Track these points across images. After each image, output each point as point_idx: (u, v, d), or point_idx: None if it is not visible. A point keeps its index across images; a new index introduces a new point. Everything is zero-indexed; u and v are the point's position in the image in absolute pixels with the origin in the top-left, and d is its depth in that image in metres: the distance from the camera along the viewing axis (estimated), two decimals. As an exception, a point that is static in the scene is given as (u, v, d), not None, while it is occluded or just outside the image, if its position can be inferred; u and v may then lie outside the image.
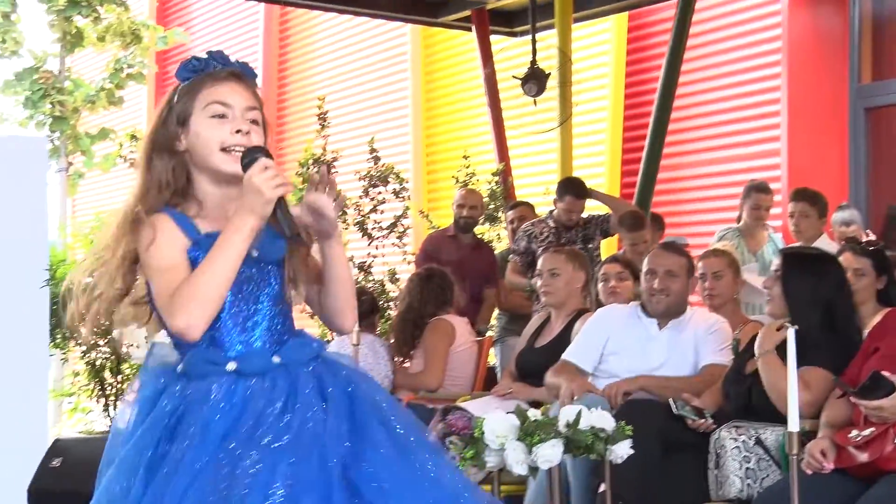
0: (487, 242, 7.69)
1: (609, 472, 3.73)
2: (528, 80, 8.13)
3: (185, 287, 2.16)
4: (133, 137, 8.49)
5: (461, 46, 10.53)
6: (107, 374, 7.02)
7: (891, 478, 3.44)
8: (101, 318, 2.31)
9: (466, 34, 9.52)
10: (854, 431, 3.56)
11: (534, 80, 8.10)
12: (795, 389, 3.14)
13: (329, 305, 2.38)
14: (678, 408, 4.07)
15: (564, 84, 8.21)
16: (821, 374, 3.84)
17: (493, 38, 8.99)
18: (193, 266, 2.21)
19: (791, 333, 3.19)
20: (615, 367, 4.58)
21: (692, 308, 4.76)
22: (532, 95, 8.16)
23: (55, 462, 5.57)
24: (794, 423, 3.13)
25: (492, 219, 8.35)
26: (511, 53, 9.04)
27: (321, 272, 2.37)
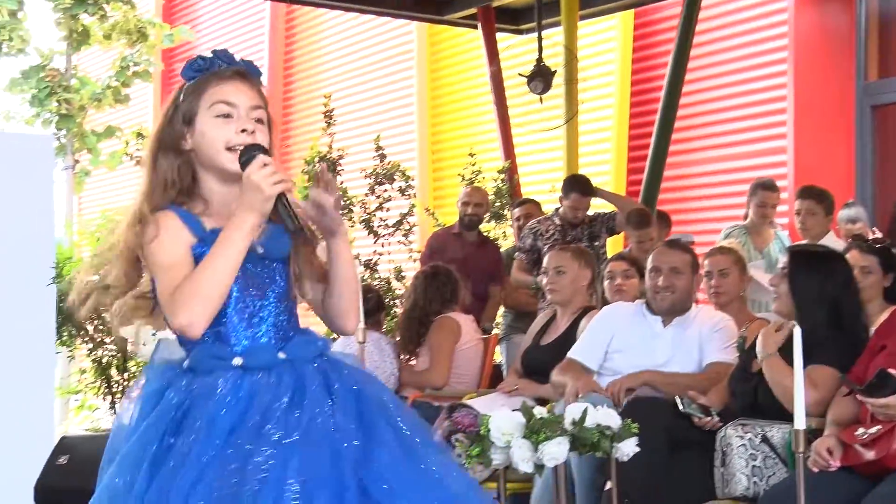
0: (492, 240, 7.68)
1: (615, 470, 3.73)
2: (534, 78, 8.12)
3: (187, 285, 2.17)
4: (139, 135, 8.51)
5: (467, 44, 10.52)
6: (113, 372, 7.04)
7: (897, 476, 3.43)
8: (109, 314, 2.34)
9: (472, 32, 9.52)
10: (861, 429, 3.55)
11: (540, 78, 8.09)
12: (802, 387, 3.14)
13: (332, 306, 2.39)
14: (684, 405, 4.07)
15: (570, 81, 8.21)
16: (828, 373, 3.83)
17: (499, 36, 8.98)
18: (198, 262, 2.23)
19: (797, 332, 3.19)
20: (619, 365, 4.58)
21: (697, 306, 4.76)
22: (538, 93, 8.15)
23: (62, 459, 5.58)
24: (801, 421, 3.13)
25: (497, 216, 8.35)
26: (517, 51, 9.03)
27: (326, 272, 2.38)
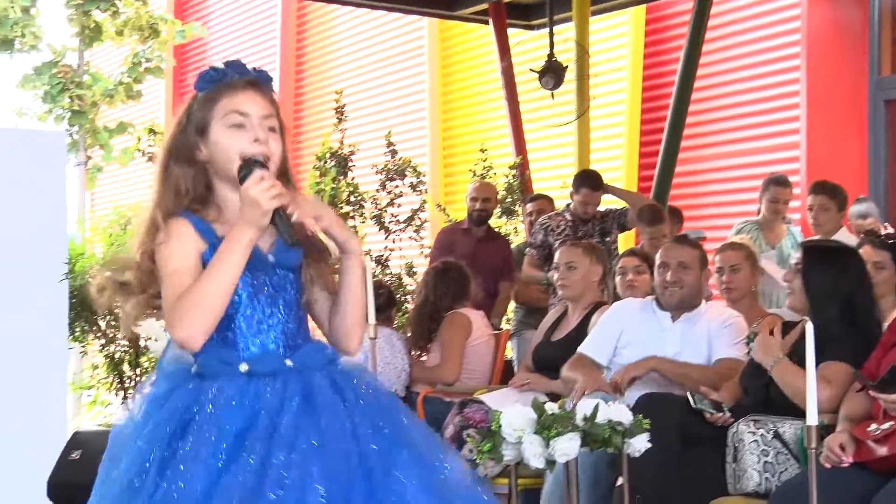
0: (502, 235, 7.66)
1: (626, 466, 3.73)
2: (546, 74, 8.11)
3: (185, 298, 2.19)
4: (151, 131, 8.52)
5: (478, 40, 10.52)
6: (125, 367, 7.07)
7: (910, 472, 3.42)
8: (121, 314, 2.36)
9: (483, 27, 9.51)
10: (873, 425, 3.54)
11: (551, 74, 8.08)
12: (814, 383, 3.13)
13: (337, 324, 2.40)
14: (696, 401, 4.06)
15: (582, 77, 8.19)
16: (841, 368, 3.82)
17: (511, 32, 8.97)
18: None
19: (809, 328, 3.18)
20: (628, 360, 4.58)
21: (707, 302, 4.75)
22: (549, 89, 8.15)
23: (75, 454, 5.60)
24: (813, 417, 3.12)
25: (509, 212, 8.34)
26: (528, 46, 9.02)
27: (336, 286, 2.40)
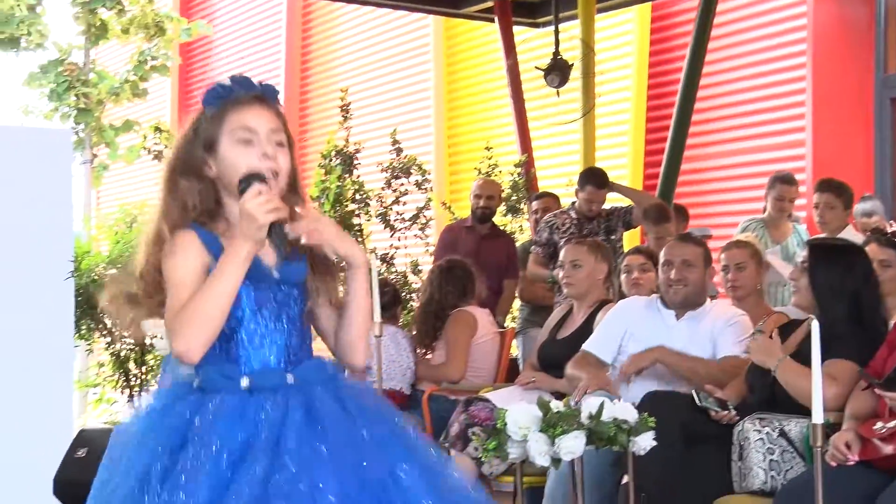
0: (506, 232, 7.65)
1: (632, 464, 3.72)
2: (551, 71, 8.11)
3: (184, 311, 2.21)
4: (157, 129, 8.52)
5: (484, 37, 10.51)
6: (131, 365, 7.07)
7: (916, 470, 3.42)
8: (131, 324, 2.40)
9: (489, 25, 9.51)
10: (879, 423, 3.54)
11: (556, 71, 8.08)
12: (820, 381, 3.12)
13: (342, 338, 2.41)
14: (701, 399, 4.06)
15: (587, 75, 8.19)
16: (847, 366, 3.82)
17: (516, 29, 8.97)
18: None
19: (815, 326, 3.17)
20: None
21: (712, 301, 4.75)
22: (555, 86, 8.15)
23: (80, 452, 5.60)
24: (819, 416, 3.12)
25: (514, 210, 8.34)
26: (534, 44, 9.02)
27: (342, 302, 2.42)
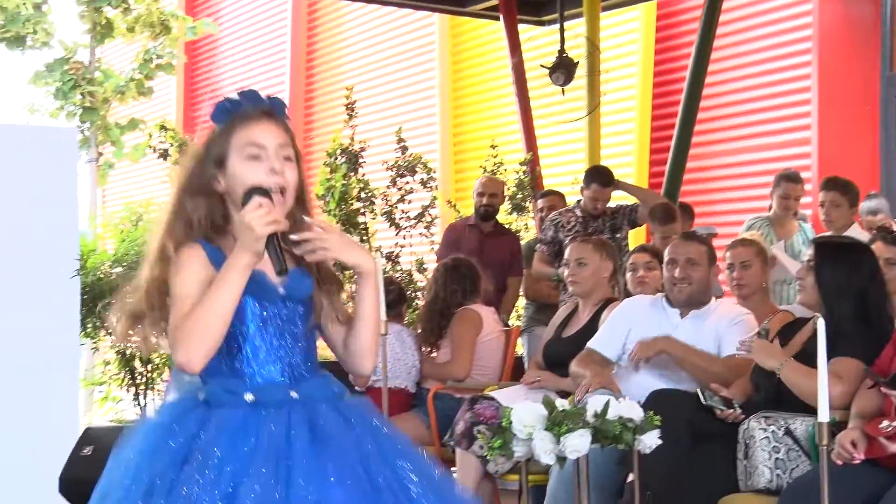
0: (510, 230, 7.64)
1: (637, 463, 3.72)
2: (556, 70, 8.11)
3: (185, 323, 2.24)
4: (162, 128, 8.52)
5: (489, 35, 10.51)
6: (137, 364, 7.08)
7: (922, 469, 3.41)
8: (141, 340, 2.40)
9: (494, 23, 9.51)
10: (885, 422, 3.53)
11: (562, 70, 8.07)
12: (826, 380, 3.12)
13: (350, 345, 2.43)
14: (706, 398, 4.05)
15: (592, 73, 8.19)
16: (853, 365, 3.81)
17: (521, 27, 8.97)
18: None
19: (821, 324, 3.17)
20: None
21: (717, 300, 4.74)
22: (560, 85, 8.14)
23: (86, 450, 5.61)
24: (825, 414, 3.11)
25: (519, 208, 8.33)
26: (539, 42, 9.02)
27: (349, 315, 2.43)
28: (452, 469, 5.13)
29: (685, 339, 4.52)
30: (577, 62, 8.12)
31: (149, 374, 7.06)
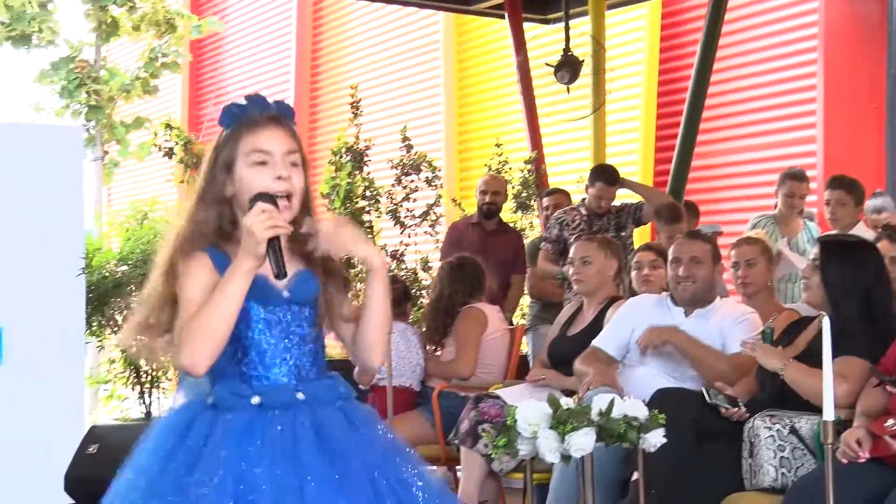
0: (513, 228, 7.62)
1: (642, 461, 3.72)
2: (561, 68, 8.10)
3: (189, 326, 2.27)
4: (168, 126, 8.53)
5: (494, 34, 10.51)
6: (142, 362, 7.07)
7: (927, 468, 3.41)
8: (146, 349, 2.44)
9: (499, 21, 9.50)
10: (890, 420, 3.53)
11: (567, 68, 8.07)
12: (831, 378, 3.11)
13: (359, 340, 2.45)
14: (711, 396, 4.05)
15: (598, 71, 8.18)
16: (857, 364, 3.80)
17: (526, 26, 8.96)
18: None
19: (826, 323, 3.16)
20: (640, 355, 4.58)
21: (722, 299, 4.74)
22: (565, 83, 8.14)
23: (91, 449, 5.62)
24: (830, 413, 3.11)
25: (524, 206, 8.33)
26: (544, 41, 9.01)
27: (359, 312, 2.46)
28: (457, 467, 5.13)
29: (689, 337, 4.52)
30: (583, 60, 8.11)
31: (154, 373, 7.05)
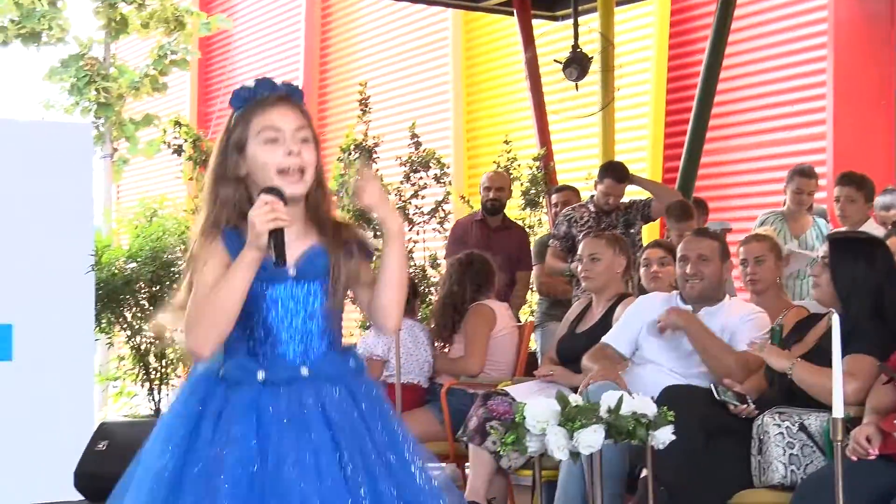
0: (518, 224, 7.61)
1: (651, 458, 3.72)
2: (570, 65, 8.09)
3: (195, 311, 2.36)
4: (177, 124, 8.53)
5: (502, 31, 10.50)
6: (151, 359, 7.09)
7: (937, 465, 3.40)
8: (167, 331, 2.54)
9: (508, 18, 9.49)
10: (900, 418, 3.52)
11: (575, 65, 8.06)
12: (840, 376, 3.11)
13: (375, 302, 2.50)
14: (720, 393, 4.05)
15: (606, 68, 8.17)
16: (866, 362, 3.80)
17: (535, 23, 8.95)
18: None
19: (836, 320, 3.16)
20: (649, 353, 4.58)
21: (731, 298, 4.73)
22: (574, 80, 8.13)
23: (101, 445, 5.64)
24: (839, 410, 3.10)
25: (533, 203, 8.32)
26: (553, 38, 9.00)
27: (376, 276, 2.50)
28: (465, 465, 5.14)
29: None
30: (591, 57, 8.10)
31: (163, 370, 7.07)
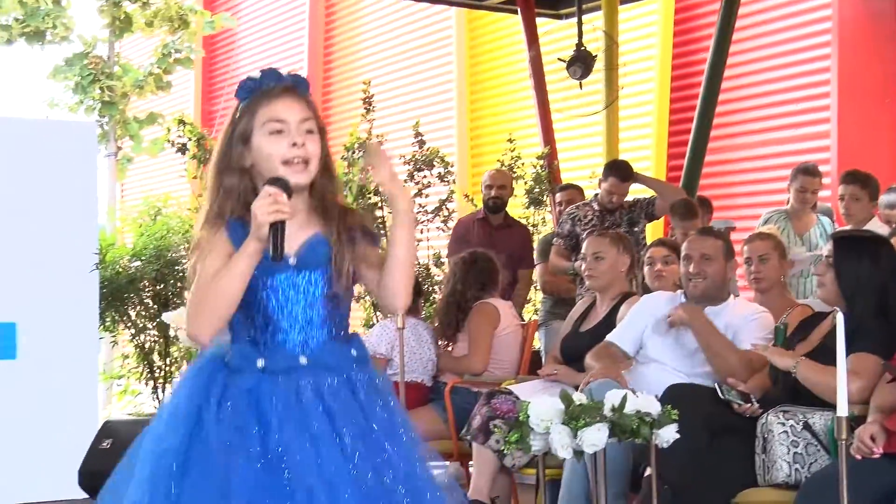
0: (520, 222, 7.61)
1: (655, 457, 3.72)
2: (574, 63, 8.09)
3: (196, 300, 2.38)
4: (181, 122, 8.54)
5: (506, 29, 10.49)
6: (155, 357, 7.10)
7: (941, 464, 3.39)
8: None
9: (512, 17, 9.49)
10: (904, 416, 3.52)
11: (579, 63, 8.06)
12: (844, 374, 3.11)
13: (383, 282, 2.50)
14: (724, 392, 4.04)
15: (610, 67, 8.16)
16: (870, 360, 3.79)
17: (539, 21, 8.95)
18: None
19: (840, 318, 3.15)
20: (653, 352, 4.58)
21: (735, 298, 4.73)
22: (577, 78, 8.12)
23: (105, 443, 5.64)
24: (843, 408, 3.10)
25: (537, 202, 8.32)
26: (557, 36, 9.00)
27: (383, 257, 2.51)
28: (469, 463, 5.14)
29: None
30: (595, 56, 8.10)
31: (167, 368, 7.08)
